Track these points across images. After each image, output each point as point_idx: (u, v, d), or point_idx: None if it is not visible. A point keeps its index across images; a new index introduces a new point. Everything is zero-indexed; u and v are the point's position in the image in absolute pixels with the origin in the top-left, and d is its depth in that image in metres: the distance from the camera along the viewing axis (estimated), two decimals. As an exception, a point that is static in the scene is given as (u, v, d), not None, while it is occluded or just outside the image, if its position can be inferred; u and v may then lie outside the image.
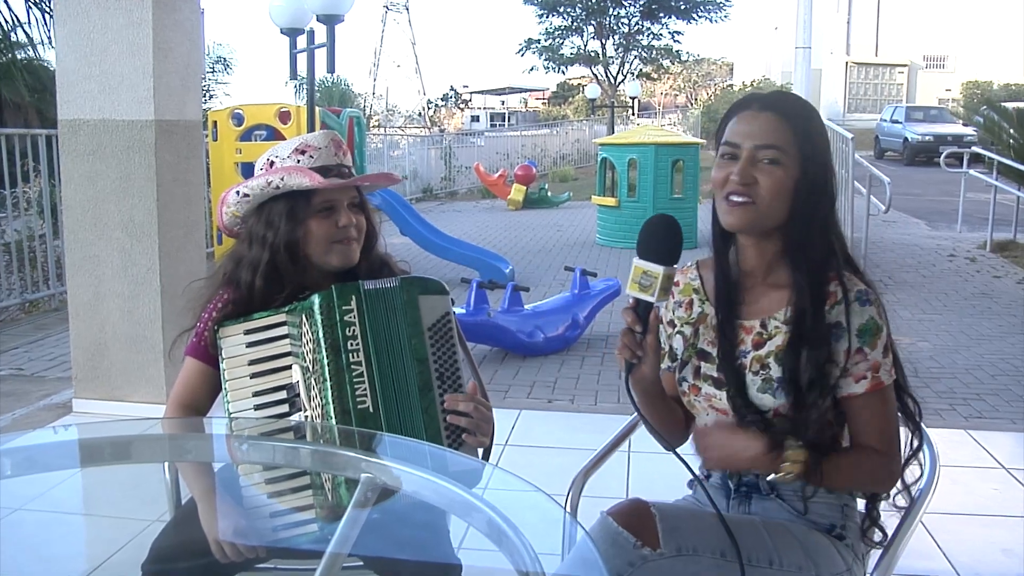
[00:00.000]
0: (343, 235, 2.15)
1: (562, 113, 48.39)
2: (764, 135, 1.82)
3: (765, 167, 1.81)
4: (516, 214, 18.29)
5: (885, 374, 1.82)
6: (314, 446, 1.93)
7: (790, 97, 1.92)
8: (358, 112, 12.75)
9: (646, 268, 1.79)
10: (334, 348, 1.97)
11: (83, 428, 2.54)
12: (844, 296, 1.81)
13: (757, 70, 44.70)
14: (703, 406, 1.95)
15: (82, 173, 4.89)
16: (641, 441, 2.17)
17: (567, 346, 6.93)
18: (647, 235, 1.81)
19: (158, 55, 4.76)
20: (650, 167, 12.66)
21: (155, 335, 4.92)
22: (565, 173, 27.34)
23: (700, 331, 1.98)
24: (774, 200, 1.82)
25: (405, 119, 51.72)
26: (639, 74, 43.34)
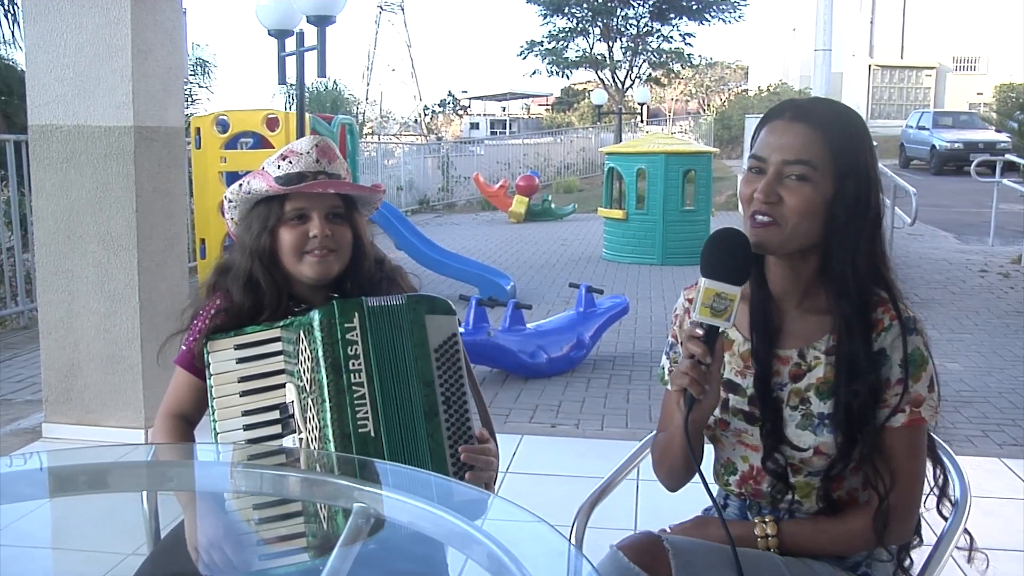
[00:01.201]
0: (314, 246, 2.15)
1: (566, 120, 48.53)
2: (793, 149, 1.77)
3: (792, 184, 1.76)
4: (518, 227, 18.30)
5: (928, 411, 1.78)
6: (304, 474, 1.92)
7: (829, 105, 1.85)
8: (351, 119, 12.77)
9: (720, 290, 1.69)
10: (335, 367, 1.96)
11: (55, 455, 2.53)
12: (891, 324, 1.78)
13: (774, 74, 44.83)
14: (730, 441, 1.93)
15: (55, 182, 4.89)
16: (651, 469, 2.15)
17: (572, 367, 6.91)
18: (717, 251, 1.74)
19: (137, 57, 4.76)
20: (660, 177, 12.68)
21: (133, 355, 4.91)
22: (570, 184, 27.38)
23: (726, 359, 1.93)
24: (801, 221, 1.76)
25: (400, 126, 51.85)
26: (648, 79, 43.55)
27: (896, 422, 1.78)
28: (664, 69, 43.41)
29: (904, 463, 1.79)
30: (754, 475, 1.91)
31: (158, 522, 2.18)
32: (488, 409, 2.27)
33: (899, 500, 1.79)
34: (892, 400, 1.78)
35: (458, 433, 2.00)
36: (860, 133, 1.82)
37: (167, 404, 2.28)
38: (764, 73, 47.35)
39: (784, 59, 45.83)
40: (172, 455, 2.19)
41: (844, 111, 1.84)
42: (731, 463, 1.95)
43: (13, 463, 2.06)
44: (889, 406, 1.78)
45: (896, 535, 1.83)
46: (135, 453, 2.43)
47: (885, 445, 1.79)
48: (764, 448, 1.85)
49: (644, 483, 3.97)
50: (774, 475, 1.86)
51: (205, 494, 2.10)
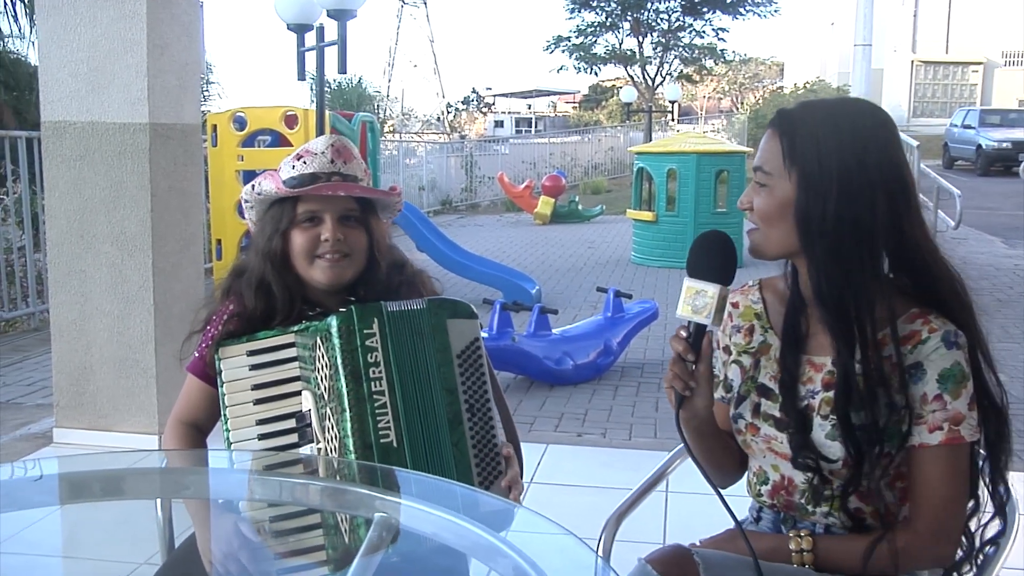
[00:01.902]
0: (325, 249, 2.15)
1: (594, 118, 48.45)
2: (759, 155, 1.84)
3: (758, 189, 1.84)
4: (543, 229, 18.29)
5: (967, 430, 1.76)
6: (325, 482, 1.92)
7: (816, 108, 1.84)
8: (371, 116, 12.81)
9: (699, 288, 1.78)
10: (354, 375, 1.96)
11: (67, 461, 2.56)
12: (929, 336, 1.76)
13: (810, 70, 44.59)
14: (760, 448, 1.92)
15: (68, 180, 4.93)
16: (680, 480, 2.16)
17: (599, 374, 6.91)
18: (699, 251, 1.81)
19: (153, 52, 4.79)
20: (691, 178, 12.65)
21: (147, 358, 4.94)
22: (597, 184, 27.35)
23: (761, 363, 1.94)
24: (768, 227, 1.82)
25: (422, 124, 51.91)
26: (679, 75, 43.43)
27: (932, 440, 1.76)
28: (696, 65, 43.29)
29: (938, 485, 1.76)
30: (786, 485, 1.90)
31: (172, 530, 2.20)
32: (512, 417, 2.27)
33: (931, 523, 1.77)
34: (930, 418, 1.76)
35: (482, 442, 2.00)
36: (842, 135, 1.77)
37: (178, 412, 2.29)
38: (800, 70, 47.10)
39: (822, 55, 45.62)
40: (186, 462, 2.20)
41: (833, 111, 1.82)
42: (763, 472, 1.95)
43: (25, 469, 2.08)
44: (926, 423, 1.76)
45: (930, 559, 1.81)
46: (149, 459, 2.44)
47: (918, 465, 1.77)
48: (793, 453, 1.85)
49: (673, 495, 3.96)
50: (805, 486, 1.86)
51: (220, 503, 2.11)
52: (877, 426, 1.75)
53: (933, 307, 1.80)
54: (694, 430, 1.93)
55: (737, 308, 2.04)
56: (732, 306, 2.04)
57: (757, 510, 2.01)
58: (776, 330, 1.95)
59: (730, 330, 2.03)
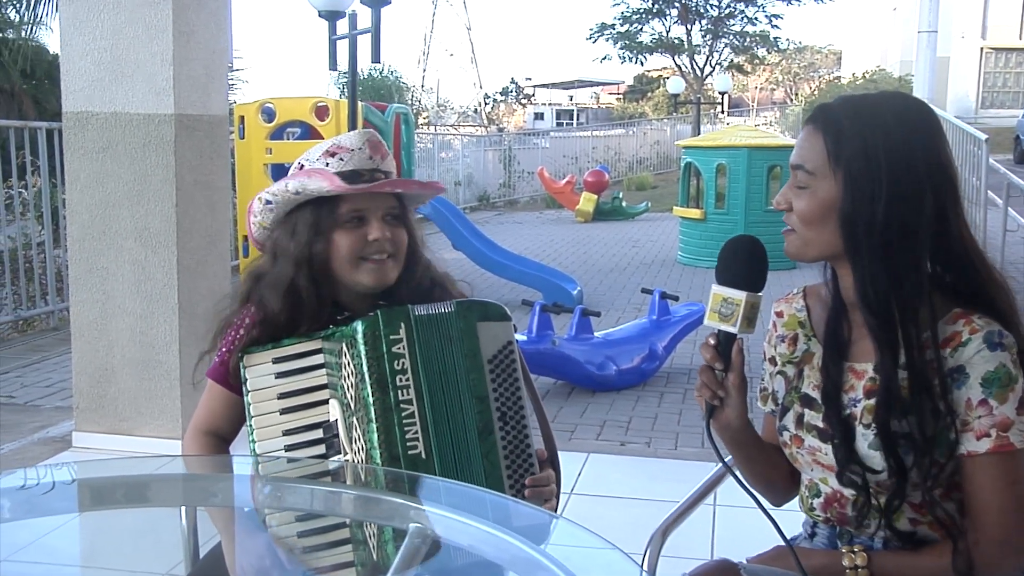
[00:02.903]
0: (373, 250, 2.14)
1: (640, 110, 48.38)
2: (798, 153, 1.84)
3: (798, 191, 1.83)
4: (585, 227, 18.29)
5: (1017, 436, 1.73)
6: (357, 491, 1.92)
7: (862, 102, 1.83)
8: (406, 108, 12.86)
9: (726, 295, 1.80)
10: (380, 383, 1.95)
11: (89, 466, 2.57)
12: (971, 338, 1.74)
13: (870, 59, 44.19)
14: (806, 460, 1.91)
15: (90, 173, 4.97)
16: (729, 493, 2.14)
17: (643, 380, 6.90)
18: (726, 258, 1.83)
19: (179, 39, 4.82)
20: (742, 174, 12.60)
21: (171, 359, 4.98)
22: (642, 180, 27.33)
23: (805, 373, 1.94)
24: (808, 228, 1.82)
25: (459, 116, 52.05)
26: (730, 65, 43.27)
27: (980, 447, 1.73)
28: (748, 54, 43.07)
29: (992, 494, 1.74)
30: (838, 498, 1.89)
31: (197, 540, 2.21)
32: (551, 425, 2.26)
33: (993, 535, 1.74)
34: (976, 424, 1.74)
35: (516, 452, 2.00)
36: (889, 133, 1.76)
37: (199, 420, 2.28)
38: (859, 58, 46.71)
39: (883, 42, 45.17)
40: (212, 470, 2.21)
41: (878, 107, 1.81)
42: (814, 485, 1.94)
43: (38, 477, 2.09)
44: (973, 430, 1.74)
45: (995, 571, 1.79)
46: (172, 465, 2.46)
47: (969, 474, 1.75)
48: (837, 463, 1.83)
49: (722, 508, 3.95)
50: (856, 498, 1.84)
51: (246, 514, 2.12)
52: (923, 434, 1.73)
53: (977, 307, 1.78)
54: (730, 441, 1.94)
55: (782, 317, 2.04)
56: (776, 315, 2.05)
57: (811, 525, 2.00)
58: (819, 338, 1.94)
59: (775, 340, 2.04)
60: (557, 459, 2.19)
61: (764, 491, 1.99)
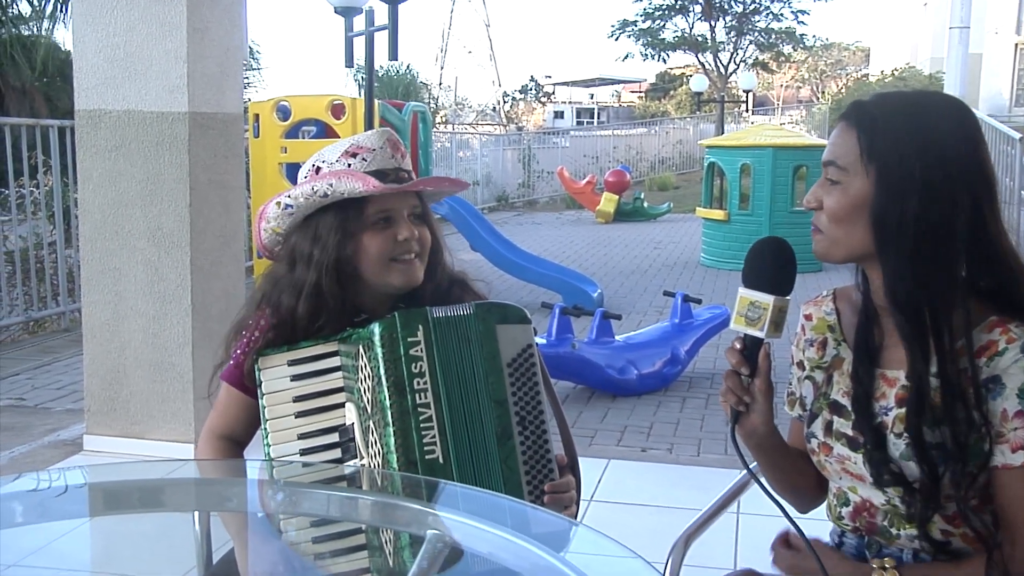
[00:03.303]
0: (403, 251, 2.13)
1: (662, 109, 48.33)
2: (830, 150, 1.83)
3: (829, 187, 1.82)
4: (606, 228, 18.28)
5: None
6: (374, 496, 1.91)
7: (896, 99, 1.82)
8: (423, 106, 12.87)
9: (753, 298, 1.80)
10: (398, 387, 1.96)
11: (101, 470, 2.59)
12: (1008, 347, 1.72)
13: (900, 56, 43.98)
14: (835, 468, 1.90)
15: (102, 172, 4.99)
16: (753, 501, 2.14)
17: (665, 385, 6.89)
18: (753, 260, 1.83)
19: (193, 36, 4.84)
20: (767, 174, 12.57)
21: (183, 362, 4.99)
22: (665, 180, 27.30)
23: (834, 378, 1.93)
24: (836, 227, 1.81)
25: (477, 114, 52.12)
26: (755, 62, 43.18)
27: (1015, 461, 1.72)
28: (773, 51, 42.99)
29: None
30: (867, 507, 1.88)
31: (210, 545, 2.22)
32: (571, 430, 2.27)
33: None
34: (1012, 436, 1.72)
35: (535, 457, 2.00)
36: (925, 131, 1.75)
37: (213, 423, 2.28)
38: (889, 55, 46.48)
39: (913, 39, 44.94)
40: (226, 474, 2.21)
41: (914, 105, 1.80)
42: (843, 493, 1.93)
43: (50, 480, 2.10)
44: (1008, 442, 1.72)
45: None
46: (184, 469, 2.46)
47: (1003, 487, 1.74)
48: (871, 472, 1.82)
49: (746, 517, 3.94)
50: (887, 507, 1.84)
51: (260, 520, 2.12)
52: (958, 444, 1.72)
53: (1015, 315, 1.77)
54: (755, 448, 1.93)
55: (810, 321, 2.03)
56: (805, 318, 2.04)
57: (839, 535, 1.99)
58: (849, 343, 1.93)
59: (803, 344, 2.02)
60: (577, 465, 2.19)
61: (790, 498, 1.98)
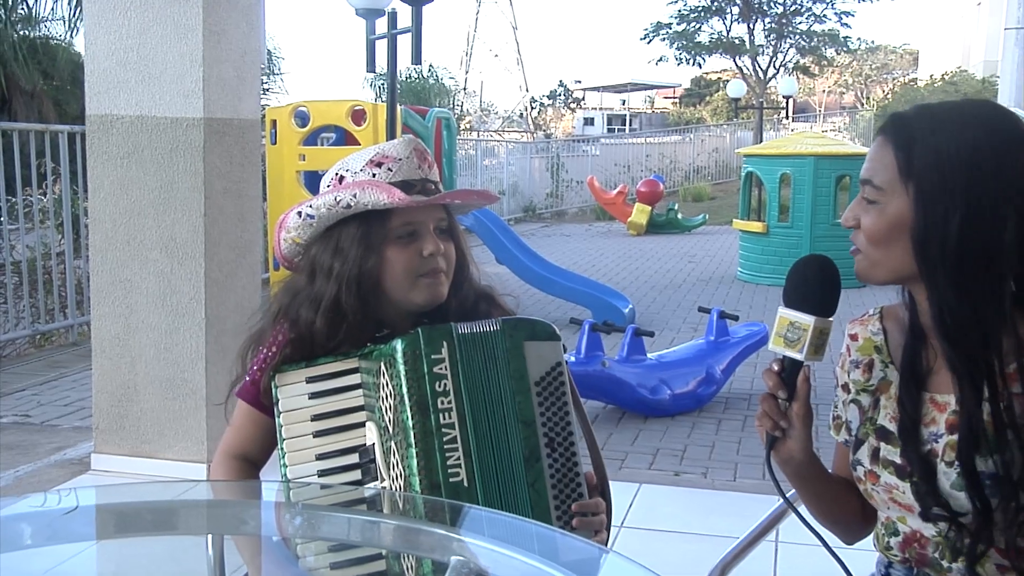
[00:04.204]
0: (429, 266, 2.13)
1: (697, 116, 48.29)
2: (868, 167, 1.81)
3: (866, 206, 1.81)
4: (638, 240, 18.26)
5: None
6: (395, 520, 1.91)
7: (940, 111, 1.80)
8: (448, 113, 12.91)
9: (793, 319, 1.80)
10: (421, 406, 1.96)
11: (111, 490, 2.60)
12: None
13: (951, 59, 43.73)
14: (882, 498, 1.88)
15: (114, 180, 5.02)
16: (793, 529, 2.13)
17: (700, 406, 6.88)
18: (795, 278, 1.83)
19: (209, 39, 4.86)
20: (808, 184, 12.54)
21: (197, 378, 5.01)
22: (700, 191, 27.26)
23: (881, 403, 1.91)
24: (875, 248, 1.79)
25: (503, 121, 52.20)
26: (795, 67, 43.07)
27: None
28: (815, 55, 42.84)
29: None
30: (918, 538, 1.87)
31: (224, 570, 2.22)
32: (601, 452, 2.26)
33: None
34: None
35: (564, 481, 1.99)
36: (967, 144, 1.73)
37: (228, 443, 2.29)
38: (938, 58, 46.25)
39: (964, 41, 44.69)
40: (241, 496, 2.22)
41: (955, 116, 1.78)
42: (891, 523, 1.92)
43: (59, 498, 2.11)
44: None
45: None
46: (196, 490, 2.47)
47: None
48: (918, 501, 1.81)
49: (785, 546, 3.93)
50: (939, 539, 1.82)
51: (275, 544, 2.12)
52: (1009, 476, 1.71)
53: None
54: (793, 475, 1.92)
55: (856, 341, 2.00)
56: (850, 338, 2.01)
57: (886, 565, 1.97)
58: (897, 365, 1.91)
59: (848, 365, 2.00)
60: (608, 488, 2.19)
61: (834, 529, 1.97)
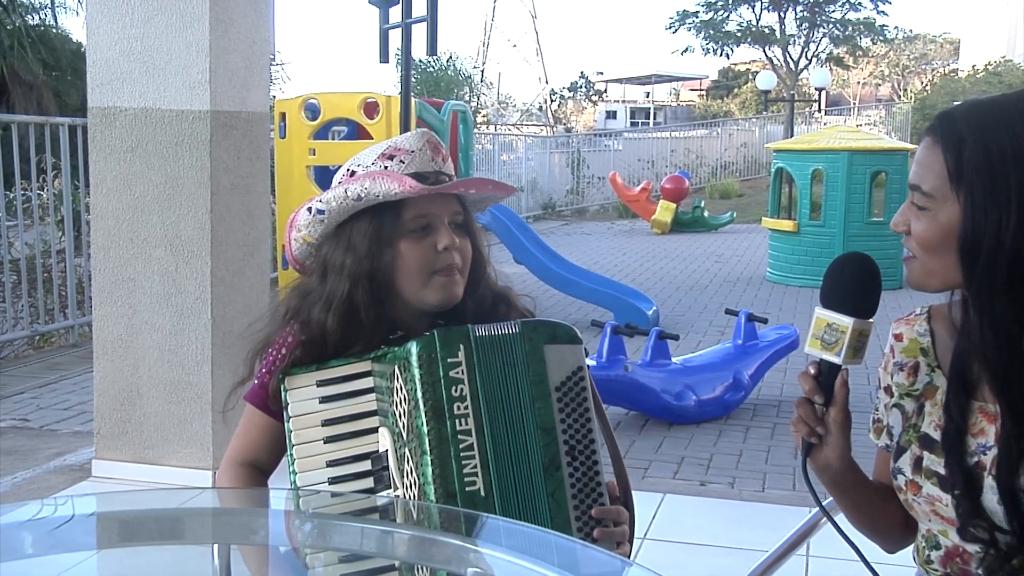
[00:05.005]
0: (444, 262, 2.12)
1: (725, 109, 48.21)
2: (916, 171, 1.79)
3: (917, 212, 1.79)
4: (662, 239, 18.25)
5: None
6: (409, 530, 1.91)
7: (977, 108, 1.77)
8: (464, 105, 12.89)
9: (831, 320, 1.78)
10: (436, 412, 1.95)
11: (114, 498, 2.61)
12: None
13: (994, 49, 43.49)
14: (923, 510, 1.87)
15: (117, 175, 5.04)
16: (825, 542, 2.13)
17: (727, 413, 6.87)
18: (834, 277, 1.81)
19: (216, 28, 4.88)
20: (841, 181, 12.51)
21: (202, 381, 5.02)
22: (727, 187, 27.21)
23: (926, 409, 1.88)
24: (931, 257, 1.77)
25: (522, 114, 52.26)
26: (828, 57, 42.90)
27: None
28: (849, 45, 42.65)
29: None
30: (960, 553, 1.86)
31: (230, 581, 2.23)
32: (623, 461, 2.27)
33: None
34: None
35: (585, 491, 1.99)
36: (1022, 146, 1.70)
37: (235, 449, 2.29)
38: (981, 48, 45.95)
39: (1009, 29, 44.50)
40: (246, 504, 2.22)
41: (1009, 113, 1.73)
42: (932, 536, 1.91)
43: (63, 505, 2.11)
44: None
45: None
46: (201, 498, 2.47)
47: None
48: (960, 522, 1.80)
49: (817, 560, 3.91)
50: (982, 554, 1.81)
51: (285, 555, 2.13)
52: None
53: None
54: (830, 483, 1.91)
55: (901, 341, 1.97)
56: (895, 339, 1.99)
57: (927, 581, 1.97)
58: (944, 369, 1.88)
59: (892, 367, 1.97)
60: (631, 498, 2.18)
61: (875, 538, 1.96)
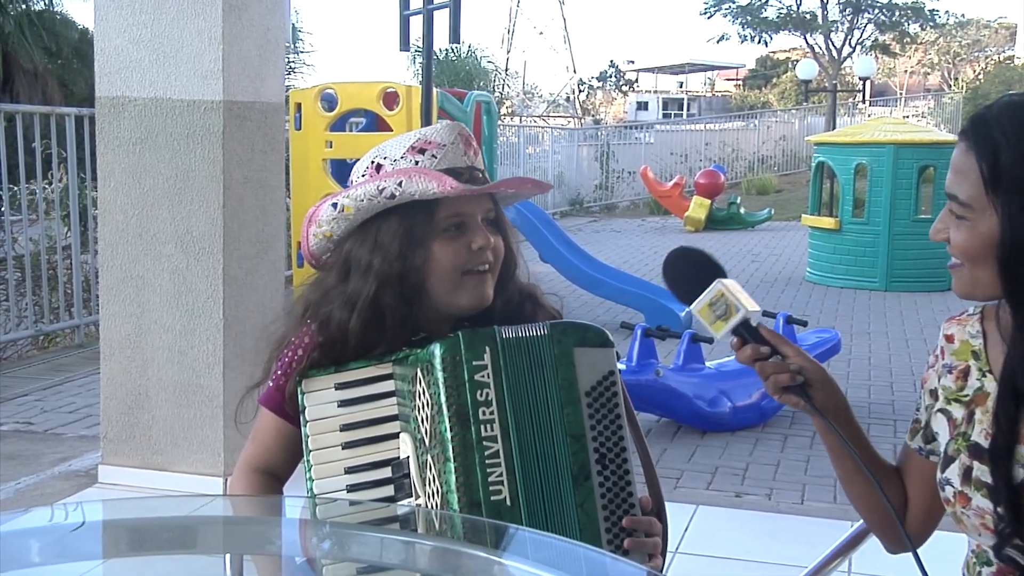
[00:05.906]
0: (477, 261, 2.13)
1: (763, 99, 48.07)
2: (951, 179, 1.80)
3: (956, 221, 1.79)
4: (696, 237, 18.20)
5: None
6: (433, 541, 1.91)
7: (1012, 108, 1.75)
8: (488, 96, 12.88)
9: (707, 301, 1.91)
10: (460, 417, 1.95)
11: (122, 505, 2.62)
12: None
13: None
14: (973, 524, 1.85)
15: (125, 168, 5.05)
16: (868, 558, 2.13)
17: (763, 420, 6.87)
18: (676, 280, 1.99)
19: (229, 15, 4.89)
20: (886, 176, 12.46)
21: (213, 383, 5.03)
22: (765, 183, 27.15)
23: (976, 416, 1.87)
24: (975, 267, 1.77)
25: (548, 105, 52.24)
26: (873, 45, 42.71)
27: None
28: (896, 31, 42.44)
29: None
30: (1013, 570, 1.86)
31: (242, 592, 2.24)
32: (656, 470, 2.27)
33: None
34: None
35: (615, 501, 1.99)
36: None
37: (249, 455, 2.30)
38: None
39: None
40: (260, 512, 2.23)
41: None
42: (983, 552, 1.90)
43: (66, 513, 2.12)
44: None
45: None
46: (212, 506, 2.48)
47: None
48: (997, 539, 1.78)
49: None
50: None
51: (300, 566, 2.13)
52: None
53: None
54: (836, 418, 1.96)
55: (951, 343, 1.96)
56: (946, 339, 1.97)
57: (978, 599, 1.96)
58: (996, 374, 1.86)
59: (941, 369, 1.96)
60: (664, 509, 2.18)
61: (881, 524, 2.00)
